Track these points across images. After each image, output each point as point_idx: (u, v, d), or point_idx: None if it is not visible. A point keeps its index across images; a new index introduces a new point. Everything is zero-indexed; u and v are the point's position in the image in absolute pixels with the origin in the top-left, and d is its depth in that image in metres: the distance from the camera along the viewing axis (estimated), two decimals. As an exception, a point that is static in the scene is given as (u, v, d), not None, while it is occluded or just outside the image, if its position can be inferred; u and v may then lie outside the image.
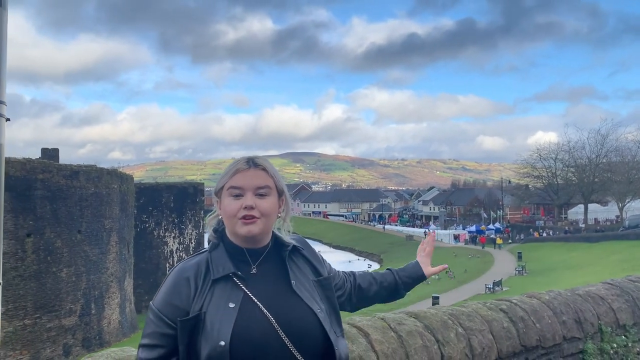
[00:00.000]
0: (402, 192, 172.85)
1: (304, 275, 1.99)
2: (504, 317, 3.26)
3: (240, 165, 1.92)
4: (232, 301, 1.80)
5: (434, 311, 3.10)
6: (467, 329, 3.02)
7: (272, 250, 1.97)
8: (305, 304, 1.88)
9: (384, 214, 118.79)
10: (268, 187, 1.92)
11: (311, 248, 2.12)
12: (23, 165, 25.22)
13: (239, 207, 1.86)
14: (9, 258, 24.15)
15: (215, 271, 1.86)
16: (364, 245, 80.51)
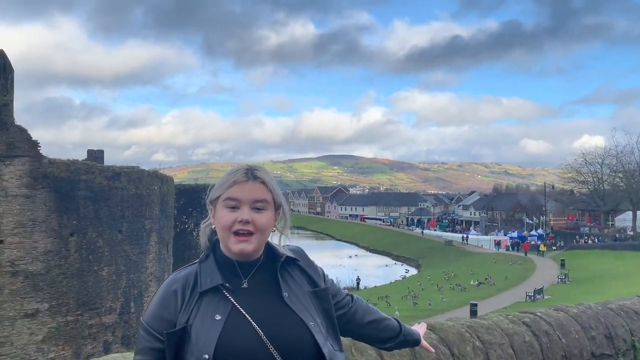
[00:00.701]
0: (442, 196, 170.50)
1: (299, 286, 1.92)
2: (527, 331, 3.12)
3: (239, 176, 1.86)
4: (218, 313, 1.76)
5: (452, 323, 2.98)
6: (485, 343, 2.89)
7: (266, 262, 1.92)
8: (297, 317, 1.82)
9: (422, 218, 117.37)
10: (266, 201, 1.86)
11: (308, 259, 2.05)
12: (67, 167, 26.04)
13: (234, 220, 1.81)
14: (53, 256, 24.99)
15: (203, 283, 1.82)
16: (401, 250, 79.72)
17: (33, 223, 24.29)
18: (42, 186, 24.60)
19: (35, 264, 24.19)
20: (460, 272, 48.85)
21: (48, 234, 24.87)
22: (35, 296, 24.13)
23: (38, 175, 24.40)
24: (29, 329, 23.89)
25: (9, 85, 25.08)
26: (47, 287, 24.60)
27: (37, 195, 24.43)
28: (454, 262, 58.92)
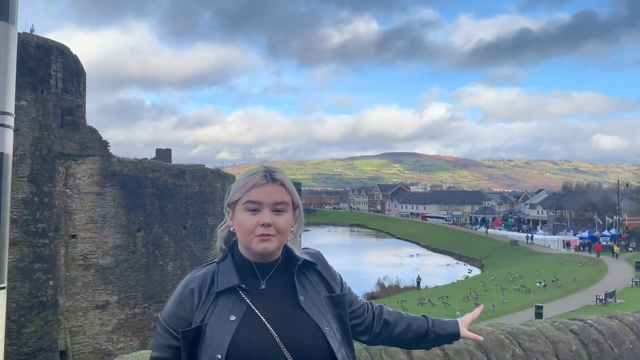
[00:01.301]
0: (508, 195, 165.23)
1: (316, 291, 1.92)
2: (574, 339, 2.94)
3: (258, 179, 1.86)
4: (233, 314, 1.78)
5: (491, 329, 2.87)
6: (526, 350, 2.76)
7: (283, 265, 1.92)
8: (312, 321, 1.82)
9: (487, 217, 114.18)
10: (286, 203, 1.87)
11: (326, 264, 2.04)
12: (135, 165, 27.19)
13: (256, 224, 1.82)
14: (122, 251, 26.21)
15: (219, 283, 1.84)
16: (464, 250, 77.87)
17: (103, 219, 25.54)
18: (112, 184, 25.82)
19: (105, 258, 25.43)
20: (525, 273, 47.16)
21: (117, 229, 26.08)
22: (106, 289, 25.37)
23: (108, 173, 25.63)
24: (100, 319, 25.16)
25: (82, 88, 26.46)
26: (116, 280, 25.81)
27: (107, 193, 25.67)
28: (520, 263, 56.93)
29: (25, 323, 21.55)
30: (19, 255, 21.59)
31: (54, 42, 23.81)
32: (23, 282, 21.62)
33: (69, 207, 24.37)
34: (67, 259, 24.05)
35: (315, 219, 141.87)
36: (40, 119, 22.65)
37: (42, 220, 22.55)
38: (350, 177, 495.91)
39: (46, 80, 23.02)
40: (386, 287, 50.39)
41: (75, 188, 24.63)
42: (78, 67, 25.91)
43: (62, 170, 23.95)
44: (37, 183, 22.42)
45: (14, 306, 21.32)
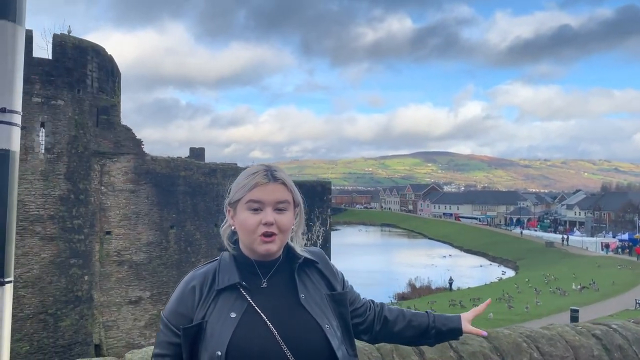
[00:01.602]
0: (544, 195, 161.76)
1: (317, 289, 1.92)
2: (596, 344, 2.83)
3: (260, 179, 1.86)
4: (234, 311, 1.78)
5: (508, 332, 2.78)
6: (545, 354, 2.66)
7: (284, 263, 1.92)
8: (312, 319, 1.82)
9: (522, 218, 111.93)
10: (287, 201, 1.87)
11: (328, 262, 2.04)
12: (168, 163, 27.66)
13: (258, 223, 1.82)
14: (154, 247, 26.71)
15: (220, 281, 1.84)
16: (498, 251, 76.50)
17: (137, 216, 26.07)
18: (145, 181, 26.34)
19: (139, 254, 25.95)
20: (561, 276, 46.04)
21: (150, 226, 26.59)
22: (139, 284, 25.90)
23: (141, 171, 26.15)
24: (133, 314, 25.69)
25: (117, 87, 27.04)
26: (149, 276, 26.32)
27: (141, 190, 26.19)
28: (555, 265, 55.60)
29: (61, 317, 22.16)
30: (56, 250, 22.22)
31: (89, 43, 24.40)
32: (60, 277, 22.23)
33: (104, 204, 24.96)
34: (101, 255, 24.63)
35: (345, 218, 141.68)
36: (76, 118, 23.24)
37: (78, 217, 23.14)
38: (381, 177, 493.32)
39: (82, 80, 23.60)
40: (417, 288, 49.91)
41: (110, 185, 25.20)
42: (113, 67, 26.49)
43: (97, 168, 24.53)
44: (74, 180, 23.02)
45: (51, 300, 21.97)
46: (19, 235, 21.41)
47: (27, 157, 21.65)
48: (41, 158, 22.03)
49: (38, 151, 21.97)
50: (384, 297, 42.14)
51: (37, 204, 21.84)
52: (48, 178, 22.13)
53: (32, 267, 21.48)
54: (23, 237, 21.37)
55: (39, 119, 21.99)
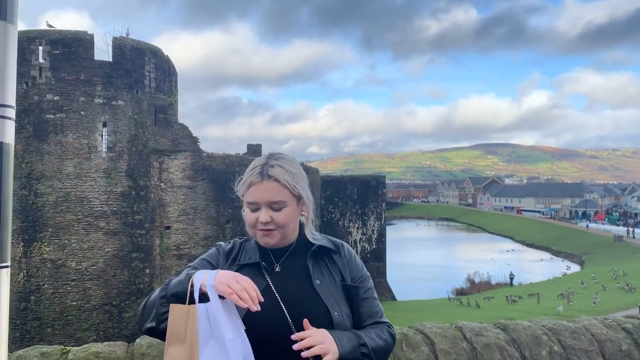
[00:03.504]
0: (612, 187, 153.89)
1: (332, 277, 1.99)
2: (625, 338, 2.69)
3: (254, 177, 1.95)
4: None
5: (529, 324, 2.69)
6: (567, 348, 2.56)
7: (299, 249, 2.02)
8: (323, 305, 1.90)
9: (588, 211, 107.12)
10: (281, 201, 1.93)
11: (345, 254, 2.07)
12: (223, 160, 28.32)
13: (256, 220, 1.93)
14: (212, 241, 27.45)
15: (242, 258, 1.98)
16: (562, 245, 73.56)
17: (195, 211, 26.88)
18: (202, 178, 27.09)
19: (197, 248, 26.76)
20: (631, 271, 43.73)
21: (207, 221, 27.35)
22: (197, 277, 26.72)
23: (198, 167, 26.91)
24: (192, 306, 26.54)
25: (174, 87, 27.92)
26: (207, 269, 27.10)
27: (198, 186, 26.97)
28: (624, 260, 52.88)
29: (125, 308, 23.19)
30: (119, 245, 23.26)
31: (147, 44, 25.29)
32: (123, 270, 23.26)
33: (163, 200, 25.87)
34: (161, 249, 25.56)
35: (402, 213, 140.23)
36: (136, 117, 24.18)
37: (139, 212, 24.11)
38: (440, 170, 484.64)
39: (140, 81, 24.51)
40: (476, 283, 48.81)
41: (169, 182, 26.09)
42: (170, 67, 27.35)
43: (156, 165, 25.44)
44: (134, 177, 23.98)
45: (115, 292, 23.03)
46: (84, 231, 22.55)
47: (90, 156, 22.74)
48: (104, 156, 23.08)
49: (101, 150, 23.04)
50: (442, 292, 41.52)
51: (101, 200, 22.91)
52: (110, 175, 23.16)
53: (97, 260, 22.58)
54: (88, 232, 22.50)
55: (101, 119, 23.04)
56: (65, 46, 22.66)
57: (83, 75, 22.81)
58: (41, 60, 22.48)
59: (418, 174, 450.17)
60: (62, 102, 22.59)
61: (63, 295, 21.97)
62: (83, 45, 22.96)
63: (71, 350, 2.24)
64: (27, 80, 22.27)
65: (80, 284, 22.12)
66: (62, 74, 22.60)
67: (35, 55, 22.46)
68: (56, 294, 21.94)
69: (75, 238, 22.30)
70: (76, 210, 22.46)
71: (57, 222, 22.23)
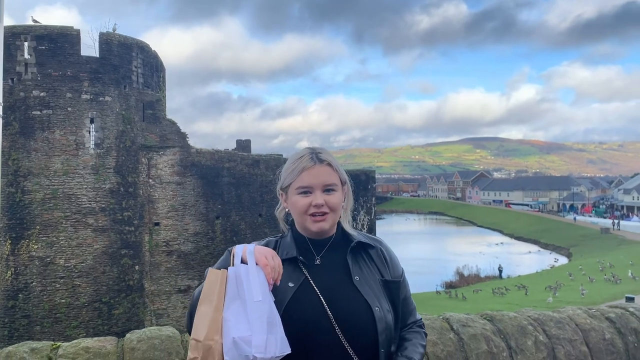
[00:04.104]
0: (599, 180, 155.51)
1: (371, 273, 2.01)
2: (609, 328, 2.75)
3: (306, 162, 1.98)
4: (292, 281, 1.93)
5: (514, 314, 2.74)
6: (552, 337, 2.62)
7: (339, 243, 2.03)
8: (363, 299, 1.92)
9: (575, 204, 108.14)
10: (334, 183, 1.99)
11: (384, 251, 2.10)
12: (212, 155, 28.22)
13: (309, 205, 1.95)
14: (201, 237, 27.40)
15: (280, 253, 1.99)
16: (550, 238, 74.25)
17: (184, 207, 26.78)
18: (191, 174, 26.99)
19: (187, 244, 26.69)
20: (617, 263, 44.26)
21: (197, 217, 27.27)
22: (187, 274, 26.66)
23: (187, 163, 26.80)
24: (182, 303, 26.47)
25: (162, 82, 27.73)
26: (197, 265, 27.02)
27: (187, 182, 26.87)
28: (611, 252, 53.52)
29: (114, 305, 23.09)
30: (108, 241, 23.13)
31: (134, 40, 25.09)
32: (112, 267, 23.14)
33: (152, 196, 25.75)
34: (151, 245, 25.46)
35: (392, 207, 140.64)
36: (123, 113, 24.00)
37: (128, 209, 23.98)
38: (429, 164, 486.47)
39: (128, 76, 24.33)
40: (466, 277, 49.15)
41: (158, 178, 25.96)
42: (158, 63, 27.15)
43: (144, 161, 25.30)
44: (122, 174, 23.84)
45: (104, 289, 22.92)
46: (72, 228, 22.39)
47: (78, 153, 22.56)
48: (91, 153, 22.91)
49: (88, 146, 22.86)
50: (431, 286, 41.74)
51: (89, 197, 22.76)
52: (98, 172, 23.00)
53: (85, 257, 22.45)
54: (77, 229, 22.35)
55: (89, 115, 22.85)
56: (51, 42, 22.42)
57: (70, 71, 22.59)
58: (27, 56, 22.23)
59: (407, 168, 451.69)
60: (48, 98, 22.36)
61: (52, 293, 21.83)
62: (69, 40, 22.73)
63: (61, 345, 2.25)
64: (13, 77, 22.02)
65: (69, 281, 21.98)
66: (49, 70, 22.37)
67: (21, 51, 22.20)
68: (45, 292, 21.79)
69: (63, 235, 22.14)
70: (64, 208, 22.29)
71: (45, 220, 22.05)
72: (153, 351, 2.23)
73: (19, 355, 2.12)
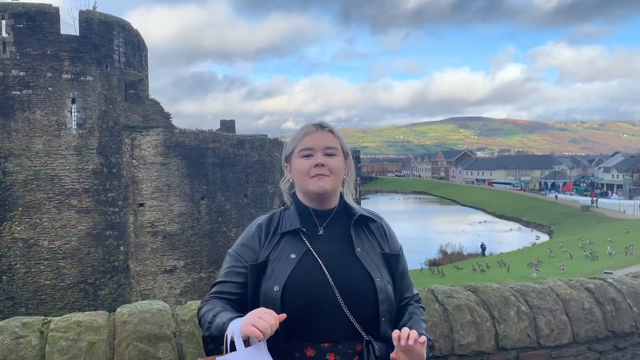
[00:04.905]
0: (580, 158, 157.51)
1: (372, 246, 2.05)
2: (588, 298, 2.84)
3: (309, 128, 2.06)
4: (294, 253, 1.96)
5: (498, 286, 2.82)
6: (533, 307, 2.70)
7: (341, 215, 2.07)
8: (365, 270, 1.96)
9: (557, 182, 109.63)
10: (335, 147, 2.04)
11: (384, 226, 2.15)
12: (196, 136, 28.02)
13: (310, 166, 2.00)
14: (187, 218, 27.33)
15: (283, 226, 2.03)
16: (531, 216, 75.31)
17: (168, 188, 26.65)
18: (175, 154, 26.79)
19: (172, 225, 26.62)
20: (597, 240, 45.15)
21: (182, 197, 27.17)
22: (173, 254, 26.65)
23: (171, 144, 26.59)
24: (169, 283, 26.53)
25: (144, 61, 27.33)
26: (183, 246, 27.03)
27: (171, 163, 26.69)
28: (591, 229, 54.52)
29: (100, 286, 23.05)
30: (92, 223, 22.98)
31: (115, 18, 24.63)
32: (97, 248, 23.04)
33: (136, 177, 25.56)
34: (135, 226, 25.36)
35: (377, 187, 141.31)
36: (105, 93, 23.66)
37: (112, 190, 23.80)
38: (413, 144, 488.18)
39: (109, 56, 23.93)
40: (449, 254, 49.80)
41: (141, 159, 25.75)
42: (139, 41, 26.73)
43: (128, 142, 25.05)
44: (106, 155, 23.60)
45: (89, 270, 22.84)
46: (56, 209, 22.19)
47: (60, 133, 22.26)
48: (73, 134, 22.61)
49: (70, 127, 22.55)
50: (415, 264, 42.27)
51: (72, 178, 22.53)
52: (81, 153, 22.74)
53: (70, 239, 22.31)
54: (60, 210, 22.16)
55: (70, 95, 22.49)
56: (30, 20, 21.92)
57: (49, 50, 22.16)
58: (4, 34, 21.73)
59: (392, 148, 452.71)
60: (28, 77, 21.94)
61: (36, 275, 21.71)
62: (48, 18, 22.24)
63: (53, 320, 2.26)
64: (-10, 56, 21.56)
65: (53, 262, 21.86)
66: (27, 49, 21.91)
67: (-2, 29, 21.71)
68: (29, 273, 21.66)
69: (46, 217, 21.94)
70: (47, 189, 22.05)
71: (28, 201, 21.81)
72: (144, 324, 2.26)
73: (10, 330, 2.14)
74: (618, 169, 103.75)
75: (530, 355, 2.61)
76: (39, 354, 2.10)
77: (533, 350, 2.62)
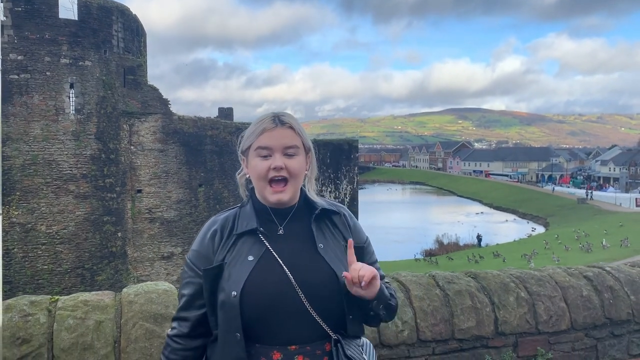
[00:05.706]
0: (577, 151, 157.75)
1: (336, 240, 1.94)
2: (586, 285, 2.89)
3: (267, 124, 1.88)
4: (251, 255, 1.84)
5: (498, 272, 2.86)
6: (532, 294, 2.74)
7: (302, 211, 1.95)
8: (329, 267, 1.85)
9: (554, 175, 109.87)
10: (296, 146, 1.88)
11: (347, 217, 2.03)
12: (195, 123, 27.98)
13: (268, 168, 1.84)
14: (184, 205, 27.36)
15: (239, 226, 1.89)
16: (528, 208, 75.56)
17: (166, 175, 26.65)
18: (173, 141, 26.76)
19: (169, 212, 26.65)
20: (592, 232, 45.37)
21: (179, 184, 27.18)
22: (170, 241, 26.71)
23: (169, 130, 26.54)
24: (166, 269, 26.60)
25: (142, 47, 27.19)
26: (180, 232, 27.07)
27: (169, 149, 26.66)
28: (587, 221, 54.76)
29: (97, 271, 23.11)
30: (90, 208, 22.99)
31: (114, 3, 24.46)
32: (94, 234, 23.07)
33: (134, 163, 25.55)
34: (133, 213, 25.38)
35: (374, 177, 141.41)
36: (104, 79, 23.57)
37: (110, 176, 23.78)
38: (412, 134, 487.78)
39: (108, 41, 23.80)
40: (445, 245, 50.00)
41: (139, 145, 25.71)
42: (138, 27, 26.57)
43: (126, 127, 24.99)
44: (104, 140, 23.55)
45: (87, 255, 22.89)
46: (54, 194, 22.18)
47: (58, 118, 22.19)
48: (72, 119, 22.54)
49: (68, 112, 22.48)
50: (412, 254, 42.47)
51: (70, 163, 22.50)
52: (79, 138, 22.70)
53: (67, 224, 22.32)
54: (58, 195, 22.15)
55: (68, 79, 22.39)
56: (28, 3, 21.76)
57: (48, 34, 22.02)
58: (2, 17, 21.57)
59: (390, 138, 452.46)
60: (26, 62, 21.83)
61: (34, 259, 21.75)
62: (46, 2, 22.07)
63: (60, 299, 2.29)
64: (-12, 39, 21.41)
65: (51, 247, 21.89)
66: (26, 33, 21.77)
67: (-4, 12, 21.55)
68: (26, 258, 21.69)
69: (44, 202, 21.94)
70: (45, 174, 22.02)
71: (25, 186, 21.79)
72: (150, 304, 2.29)
73: (19, 307, 2.17)
74: (615, 162, 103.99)
75: (528, 340, 2.66)
76: (47, 332, 2.13)
77: (531, 335, 2.67)
